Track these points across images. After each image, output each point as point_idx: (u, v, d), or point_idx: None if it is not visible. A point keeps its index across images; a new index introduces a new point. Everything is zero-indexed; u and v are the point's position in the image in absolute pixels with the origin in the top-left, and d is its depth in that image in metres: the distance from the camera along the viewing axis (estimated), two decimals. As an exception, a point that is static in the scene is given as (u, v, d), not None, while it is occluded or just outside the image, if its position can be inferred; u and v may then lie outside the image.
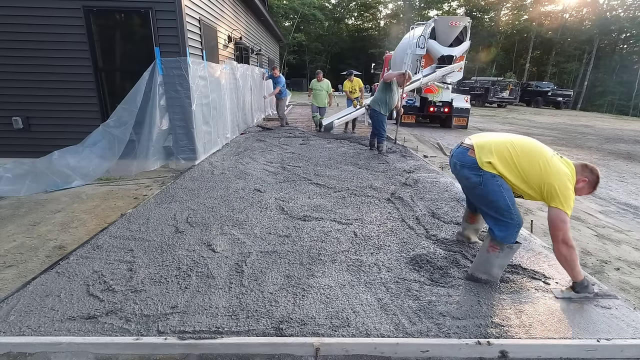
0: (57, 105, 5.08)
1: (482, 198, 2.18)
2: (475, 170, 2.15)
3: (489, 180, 2.11)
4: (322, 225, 3.14)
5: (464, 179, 2.26)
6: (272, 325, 1.85)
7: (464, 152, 2.25)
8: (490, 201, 2.14)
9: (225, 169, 5.07)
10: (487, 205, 2.17)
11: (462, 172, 2.25)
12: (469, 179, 2.20)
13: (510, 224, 2.13)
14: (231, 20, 7.88)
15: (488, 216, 2.21)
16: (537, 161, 2.05)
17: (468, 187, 2.29)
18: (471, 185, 2.21)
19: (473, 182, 2.18)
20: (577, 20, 37.85)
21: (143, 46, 4.93)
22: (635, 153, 9.03)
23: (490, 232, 2.20)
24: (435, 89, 10.87)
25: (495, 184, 2.10)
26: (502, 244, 2.15)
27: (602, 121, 19.57)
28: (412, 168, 5.38)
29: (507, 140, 2.17)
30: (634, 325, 1.94)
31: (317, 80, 8.79)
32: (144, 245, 2.70)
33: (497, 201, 2.11)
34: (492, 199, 2.12)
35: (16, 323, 1.83)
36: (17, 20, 4.73)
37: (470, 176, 2.19)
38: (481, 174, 2.12)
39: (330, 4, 46.00)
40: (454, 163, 2.35)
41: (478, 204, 2.30)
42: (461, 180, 2.34)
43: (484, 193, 2.14)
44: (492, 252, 2.19)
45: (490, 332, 1.85)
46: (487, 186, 2.12)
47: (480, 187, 2.15)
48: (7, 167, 4.36)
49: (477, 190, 2.18)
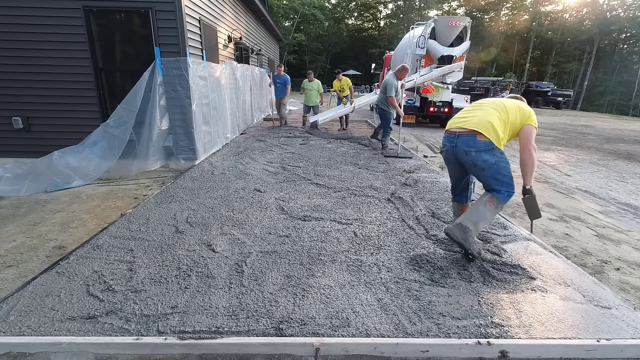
0: (57, 105, 5.08)
1: (494, 175, 2.46)
2: (491, 152, 2.41)
3: (500, 158, 2.43)
4: (322, 225, 3.14)
5: (481, 162, 2.44)
6: (272, 325, 1.85)
7: (472, 138, 2.45)
8: (502, 175, 2.45)
9: (225, 169, 5.07)
10: (497, 180, 2.47)
11: (479, 157, 2.44)
12: (486, 162, 2.43)
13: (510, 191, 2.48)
14: (231, 20, 7.88)
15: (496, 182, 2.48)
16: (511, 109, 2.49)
17: (483, 168, 2.47)
18: (487, 166, 2.44)
19: (490, 162, 2.42)
20: (577, 20, 37.85)
21: (143, 46, 4.93)
22: (635, 153, 9.03)
23: (493, 191, 2.49)
24: (432, 88, 10.84)
25: (505, 161, 2.45)
26: (501, 201, 2.48)
27: (602, 121, 19.58)
28: (412, 168, 5.38)
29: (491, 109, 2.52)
30: (634, 325, 1.94)
31: (308, 81, 9.19)
32: (144, 245, 2.70)
33: (507, 175, 2.46)
34: (504, 174, 2.45)
35: (16, 323, 1.83)
36: (17, 20, 4.73)
37: (487, 158, 2.42)
38: (495, 153, 2.41)
39: (330, 4, 46.03)
40: (465, 152, 2.49)
41: (488, 179, 2.52)
42: (475, 164, 2.49)
43: (497, 169, 2.44)
44: (489, 206, 2.48)
45: (490, 332, 1.85)
46: (499, 163, 2.43)
47: (494, 166, 2.43)
48: (7, 167, 4.37)
49: (491, 169, 2.44)
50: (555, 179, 5.96)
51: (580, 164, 7.37)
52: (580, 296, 2.20)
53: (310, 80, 9.15)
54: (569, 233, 3.68)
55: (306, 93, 9.25)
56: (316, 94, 9.22)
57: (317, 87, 9.18)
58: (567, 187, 5.52)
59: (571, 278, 2.40)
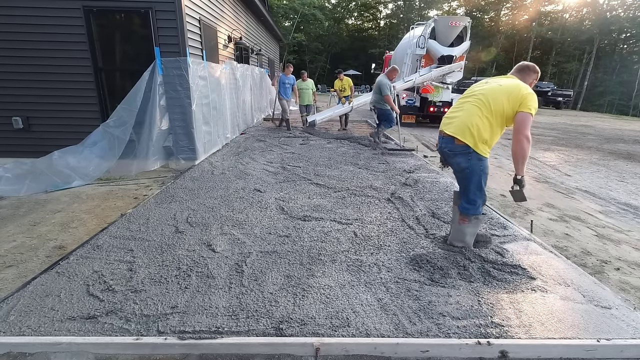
0: (57, 105, 5.08)
1: (467, 179, 2.55)
2: (465, 156, 2.49)
3: (475, 164, 2.48)
4: (322, 225, 3.14)
5: (455, 165, 2.60)
6: (272, 325, 1.85)
7: (451, 141, 2.55)
8: (473, 182, 2.52)
9: (225, 169, 5.07)
10: (468, 185, 2.55)
11: (454, 160, 2.58)
12: (459, 165, 2.55)
13: (478, 202, 2.56)
14: (231, 20, 7.88)
15: (464, 193, 2.61)
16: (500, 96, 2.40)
17: (457, 170, 2.62)
18: (460, 169, 2.57)
19: (462, 167, 2.53)
20: (577, 20, 37.85)
21: (143, 46, 4.93)
22: (635, 153, 9.03)
23: (460, 207, 2.61)
24: (431, 88, 10.84)
25: (479, 168, 2.48)
26: (469, 216, 2.58)
27: (602, 121, 19.57)
28: (412, 168, 5.38)
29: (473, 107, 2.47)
30: (634, 325, 1.94)
31: (302, 80, 9.28)
32: (144, 245, 2.70)
33: (478, 182, 2.51)
34: (475, 180, 2.51)
35: (16, 323, 1.83)
36: (17, 20, 4.73)
37: (460, 162, 2.53)
38: (470, 158, 2.47)
39: (330, 4, 46.01)
40: (446, 153, 2.64)
41: (460, 180, 2.66)
42: (452, 166, 2.67)
43: (469, 175, 2.52)
44: (462, 223, 2.63)
45: (490, 332, 1.85)
46: (473, 169, 2.49)
47: (467, 170, 2.51)
48: (7, 167, 4.36)
49: (464, 173, 2.55)
50: (555, 179, 5.96)
51: (580, 164, 7.37)
52: (580, 296, 2.20)
53: (304, 80, 9.27)
54: (569, 233, 3.68)
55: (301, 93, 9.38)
56: (310, 93, 9.36)
57: (311, 87, 9.34)
58: (567, 187, 5.52)
59: (571, 278, 2.40)
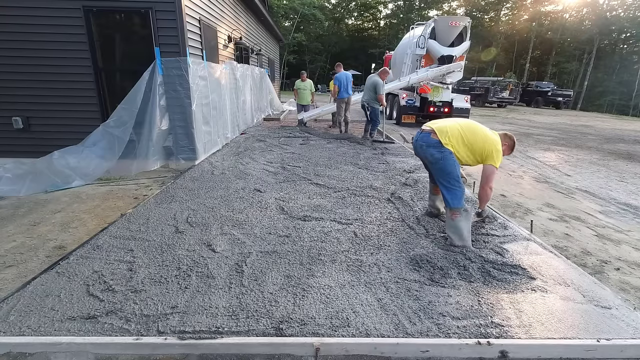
0: (57, 105, 5.08)
1: (441, 170, 2.79)
2: (438, 148, 2.77)
3: (447, 156, 2.75)
4: (322, 225, 3.14)
5: (429, 156, 2.85)
6: (272, 325, 1.85)
7: (427, 135, 2.86)
8: (447, 172, 2.76)
9: (225, 169, 5.07)
10: (444, 176, 2.78)
11: (428, 151, 2.85)
12: (433, 156, 2.81)
13: (459, 191, 2.76)
14: (231, 21, 7.88)
15: (443, 187, 2.80)
16: (479, 135, 2.80)
17: (432, 162, 2.86)
18: (434, 160, 2.82)
19: (436, 157, 2.79)
20: (577, 20, 37.82)
21: (143, 46, 4.93)
22: (635, 153, 9.03)
23: (446, 203, 2.78)
24: (428, 88, 10.82)
25: (452, 159, 2.75)
26: (458, 208, 2.72)
27: (602, 121, 19.57)
28: (412, 168, 5.37)
29: (456, 124, 2.87)
30: (634, 325, 1.94)
31: (301, 80, 9.43)
32: (144, 245, 2.70)
33: (452, 172, 2.75)
34: (449, 171, 2.76)
35: (16, 323, 1.83)
36: (17, 20, 4.72)
37: (434, 153, 2.80)
38: (442, 150, 2.75)
39: (330, 4, 45.97)
40: (420, 145, 2.92)
41: (437, 175, 2.89)
42: (426, 157, 2.92)
43: (443, 166, 2.77)
44: (455, 218, 2.74)
45: (490, 332, 1.85)
46: (446, 160, 2.75)
47: (441, 162, 2.77)
48: (7, 167, 4.36)
49: (438, 164, 2.79)
50: (555, 179, 5.96)
51: (580, 164, 7.37)
52: (580, 296, 2.20)
53: (303, 80, 9.37)
54: (569, 233, 3.68)
55: (300, 93, 9.45)
56: (309, 93, 9.48)
57: (309, 87, 9.46)
58: (567, 187, 5.53)
59: (571, 278, 2.40)
